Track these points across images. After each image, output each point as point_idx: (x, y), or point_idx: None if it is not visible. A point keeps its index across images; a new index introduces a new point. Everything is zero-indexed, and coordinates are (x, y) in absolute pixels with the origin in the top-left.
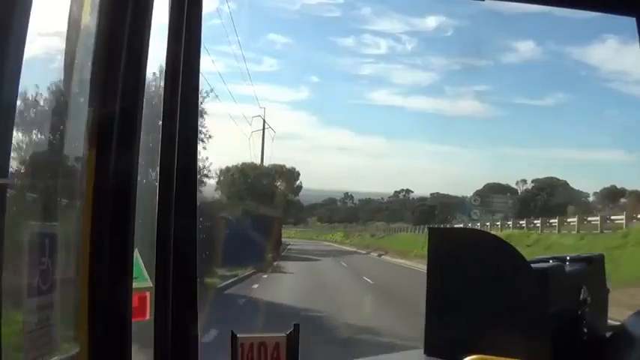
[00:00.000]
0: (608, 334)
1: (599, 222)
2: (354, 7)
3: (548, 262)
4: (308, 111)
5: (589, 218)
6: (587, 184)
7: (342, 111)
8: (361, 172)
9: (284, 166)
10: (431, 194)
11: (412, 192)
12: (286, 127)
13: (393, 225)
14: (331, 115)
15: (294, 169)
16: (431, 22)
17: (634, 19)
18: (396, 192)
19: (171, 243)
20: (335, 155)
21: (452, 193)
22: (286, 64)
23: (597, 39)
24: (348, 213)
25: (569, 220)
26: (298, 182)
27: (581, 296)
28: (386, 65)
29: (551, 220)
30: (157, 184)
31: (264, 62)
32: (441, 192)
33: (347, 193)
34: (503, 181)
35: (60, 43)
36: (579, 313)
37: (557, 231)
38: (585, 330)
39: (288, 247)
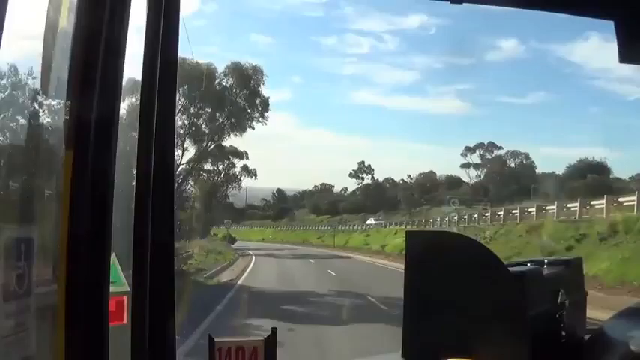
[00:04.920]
0: (586, 337)
1: (604, 206)
2: (336, 7)
3: (526, 265)
4: (290, 111)
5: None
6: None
7: (324, 111)
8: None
9: None
10: None
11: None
12: (268, 129)
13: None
14: (313, 116)
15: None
16: (413, 21)
17: (612, 22)
18: (468, 148)
19: (149, 246)
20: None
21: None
22: (268, 65)
23: (580, 37)
24: (359, 200)
25: (568, 205)
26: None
27: (559, 299)
28: (368, 65)
29: (548, 207)
30: (134, 186)
31: None
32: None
33: (363, 163)
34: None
35: (37, 44)
36: (557, 315)
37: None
38: (563, 333)
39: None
